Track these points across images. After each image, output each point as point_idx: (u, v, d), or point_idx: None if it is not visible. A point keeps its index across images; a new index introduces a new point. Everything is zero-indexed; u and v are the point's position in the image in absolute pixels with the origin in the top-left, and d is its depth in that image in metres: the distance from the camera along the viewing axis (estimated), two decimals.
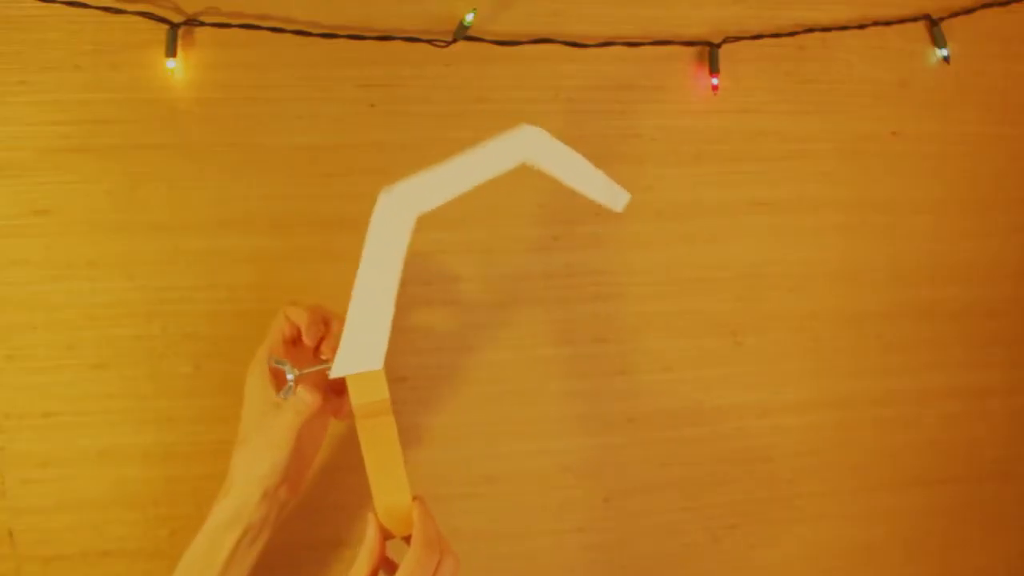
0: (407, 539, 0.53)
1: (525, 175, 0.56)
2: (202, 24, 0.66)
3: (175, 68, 0.65)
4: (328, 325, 0.59)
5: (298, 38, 0.67)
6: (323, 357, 0.58)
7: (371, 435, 0.53)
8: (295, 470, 0.58)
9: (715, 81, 0.72)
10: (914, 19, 0.76)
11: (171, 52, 0.65)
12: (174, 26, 0.65)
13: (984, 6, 0.77)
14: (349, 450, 0.64)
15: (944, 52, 0.76)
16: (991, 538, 0.81)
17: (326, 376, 0.54)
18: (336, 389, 0.58)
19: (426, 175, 0.54)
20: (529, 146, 0.56)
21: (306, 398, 0.55)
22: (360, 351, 0.53)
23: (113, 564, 0.66)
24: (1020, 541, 0.81)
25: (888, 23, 0.76)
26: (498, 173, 0.56)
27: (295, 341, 0.59)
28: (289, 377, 0.55)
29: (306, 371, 0.55)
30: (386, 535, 0.53)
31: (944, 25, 0.76)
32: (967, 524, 0.80)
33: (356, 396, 0.53)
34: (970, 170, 0.78)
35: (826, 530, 0.77)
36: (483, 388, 0.70)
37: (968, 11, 0.77)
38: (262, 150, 0.67)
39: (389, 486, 0.53)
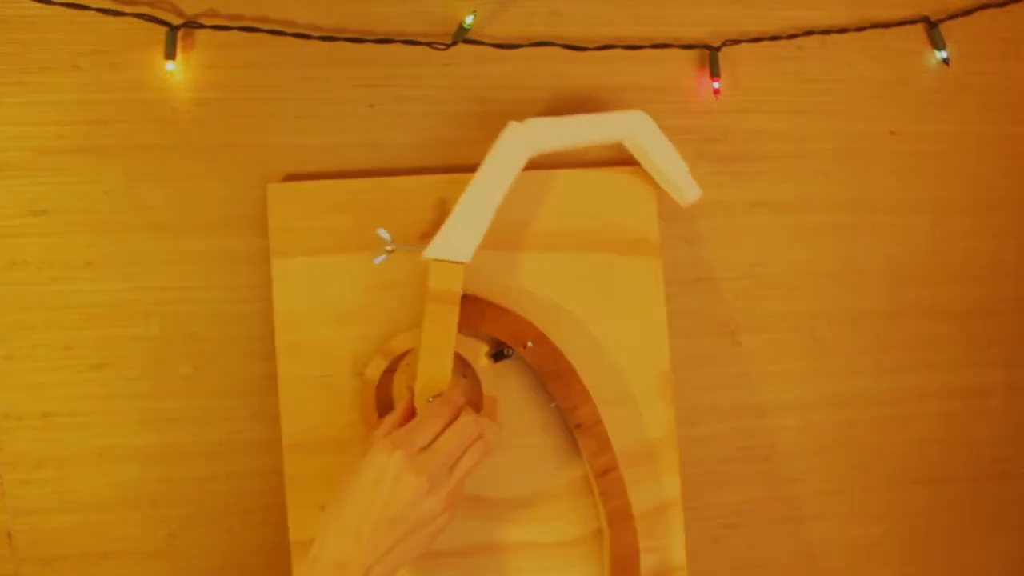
0: None
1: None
2: (201, 27, 0.66)
3: (174, 70, 0.65)
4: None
5: (297, 39, 0.67)
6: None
7: (435, 318, 0.60)
8: None
9: (716, 85, 0.73)
10: (913, 21, 0.77)
11: (170, 55, 0.65)
12: (173, 28, 0.65)
13: (982, 7, 0.77)
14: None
15: (943, 54, 0.76)
16: (991, 538, 0.81)
17: None
18: None
19: (548, 122, 0.64)
20: (635, 127, 0.65)
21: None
22: (454, 243, 0.61)
23: (112, 564, 0.66)
24: (1020, 541, 0.81)
25: (887, 25, 0.76)
26: (602, 142, 0.66)
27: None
28: (388, 248, 0.62)
29: (403, 246, 0.63)
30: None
31: (943, 25, 0.76)
32: (967, 524, 0.80)
33: (435, 280, 0.60)
34: (969, 170, 0.78)
35: (826, 530, 0.77)
36: None
37: (967, 12, 0.77)
38: (261, 150, 0.67)
39: (436, 364, 0.60)
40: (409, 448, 0.54)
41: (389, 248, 0.63)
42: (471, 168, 0.69)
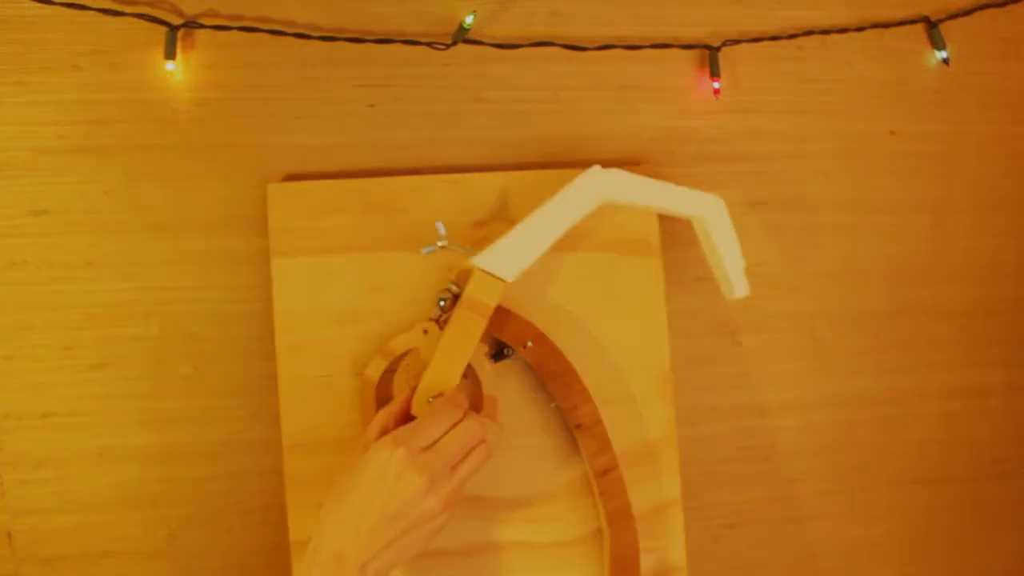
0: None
1: None
2: (201, 27, 0.66)
3: (174, 70, 0.65)
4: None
5: (297, 39, 0.67)
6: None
7: (461, 325, 0.61)
8: None
9: (716, 85, 0.73)
10: (912, 21, 0.77)
11: (170, 55, 0.65)
12: (173, 28, 0.65)
13: (982, 7, 0.77)
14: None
15: (943, 54, 0.76)
16: (991, 538, 0.81)
17: None
18: None
19: (629, 178, 0.64)
20: (710, 210, 0.66)
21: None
22: (503, 259, 0.61)
23: (112, 564, 0.66)
24: (1020, 541, 0.81)
25: (887, 25, 0.76)
26: (672, 212, 0.67)
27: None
28: (440, 243, 0.63)
29: (455, 246, 0.63)
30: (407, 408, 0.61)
31: (943, 25, 0.76)
32: (967, 524, 0.80)
33: (474, 289, 0.61)
34: (969, 170, 0.78)
35: (826, 530, 0.77)
36: None
37: (967, 12, 0.77)
38: (261, 150, 0.67)
39: (447, 369, 0.60)
40: (412, 446, 0.54)
41: (441, 244, 0.63)
42: (471, 168, 0.69)
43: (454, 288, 0.63)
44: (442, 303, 0.63)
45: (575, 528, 0.67)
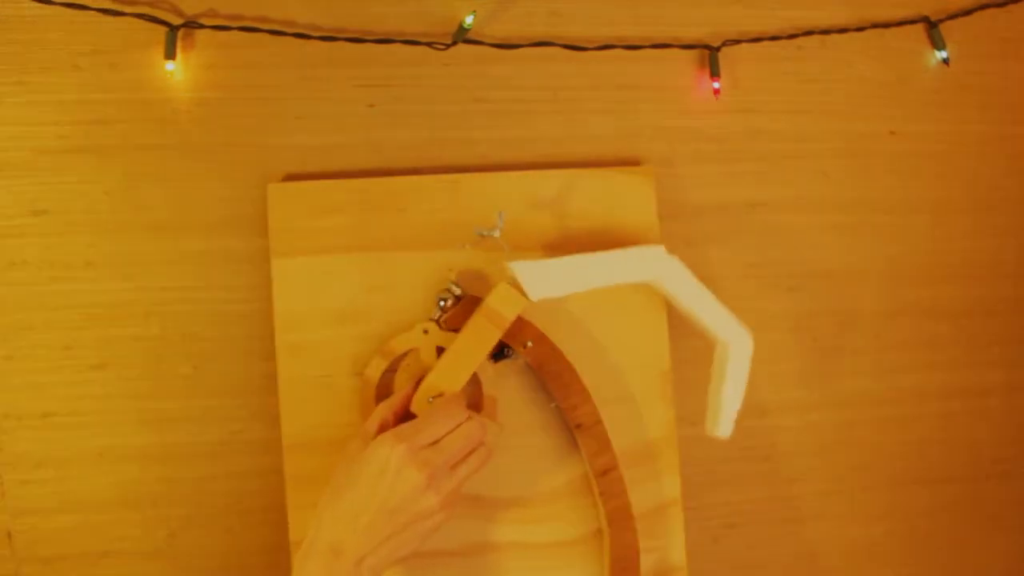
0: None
1: None
2: (201, 27, 0.66)
3: (174, 70, 0.65)
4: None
5: (297, 39, 0.67)
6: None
7: (476, 332, 0.61)
8: None
9: (716, 85, 0.73)
10: (913, 21, 0.77)
11: (170, 55, 0.65)
12: (173, 28, 0.65)
13: (982, 7, 0.77)
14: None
15: (943, 54, 0.76)
16: (991, 538, 0.81)
17: None
18: None
19: (687, 276, 0.65)
20: (736, 339, 0.65)
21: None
22: (537, 279, 0.61)
23: (112, 564, 0.66)
24: (1020, 541, 0.81)
25: (887, 25, 0.76)
26: (701, 326, 0.66)
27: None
28: (495, 231, 0.62)
29: (504, 244, 0.63)
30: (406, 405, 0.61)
31: (943, 25, 0.76)
32: (967, 524, 0.80)
33: (495, 299, 0.61)
34: (969, 170, 0.78)
35: (826, 530, 0.77)
36: None
37: (967, 12, 0.77)
38: (261, 150, 0.67)
39: (454, 372, 0.61)
40: (413, 443, 0.54)
41: (495, 232, 0.62)
42: (471, 168, 0.69)
43: (455, 289, 0.63)
44: (442, 303, 0.63)
45: (575, 528, 0.67)
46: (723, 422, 0.65)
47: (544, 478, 0.67)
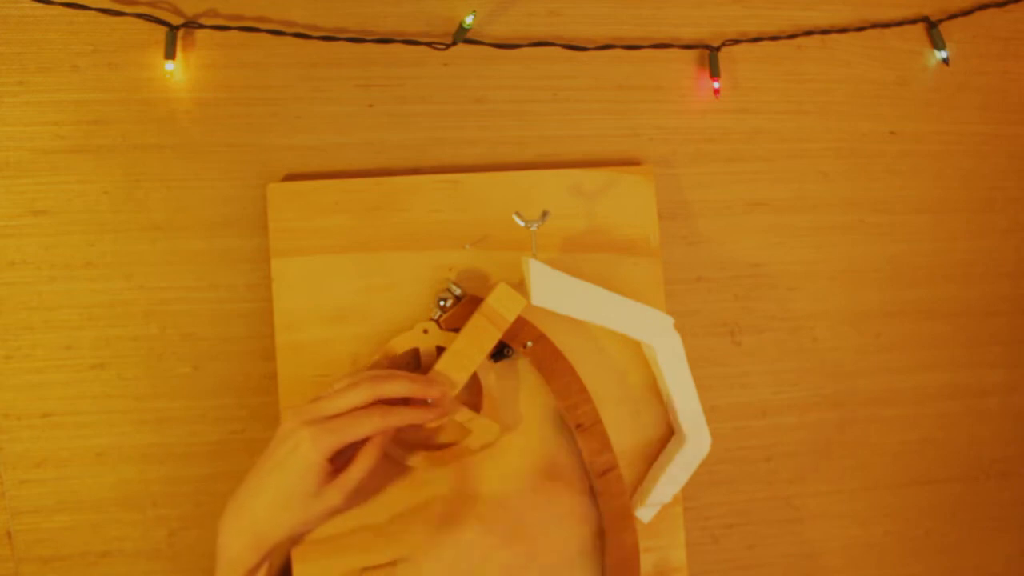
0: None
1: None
2: (201, 27, 0.66)
3: (174, 70, 0.65)
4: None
5: (297, 39, 0.67)
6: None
7: (475, 332, 0.61)
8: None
9: (716, 85, 0.73)
10: (912, 21, 0.77)
11: (170, 55, 0.65)
12: (173, 28, 0.65)
13: (982, 7, 0.78)
14: None
15: (943, 54, 0.76)
16: (991, 538, 0.81)
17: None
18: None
19: (679, 358, 0.65)
20: (693, 437, 0.66)
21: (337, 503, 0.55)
22: (546, 286, 0.62)
23: (112, 565, 0.66)
24: (1020, 541, 0.81)
25: (887, 25, 0.76)
26: (675, 419, 0.67)
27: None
28: (535, 224, 0.62)
29: (534, 242, 0.63)
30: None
31: (943, 25, 0.76)
32: (967, 524, 0.80)
33: (494, 299, 0.61)
34: (969, 170, 0.78)
35: (826, 530, 0.77)
36: None
37: (966, 12, 0.77)
38: (261, 150, 0.67)
39: (452, 372, 0.60)
40: (301, 410, 0.55)
41: (533, 227, 0.62)
42: (471, 168, 0.69)
43: (455, 289, 0.63)
44: (442, 303, 0.63)
45: (575, 528, 0.67)
46: (649, 505, 0.66)
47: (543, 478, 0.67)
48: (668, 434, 0.69)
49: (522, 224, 0.63)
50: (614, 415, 0.67)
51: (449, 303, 0.64)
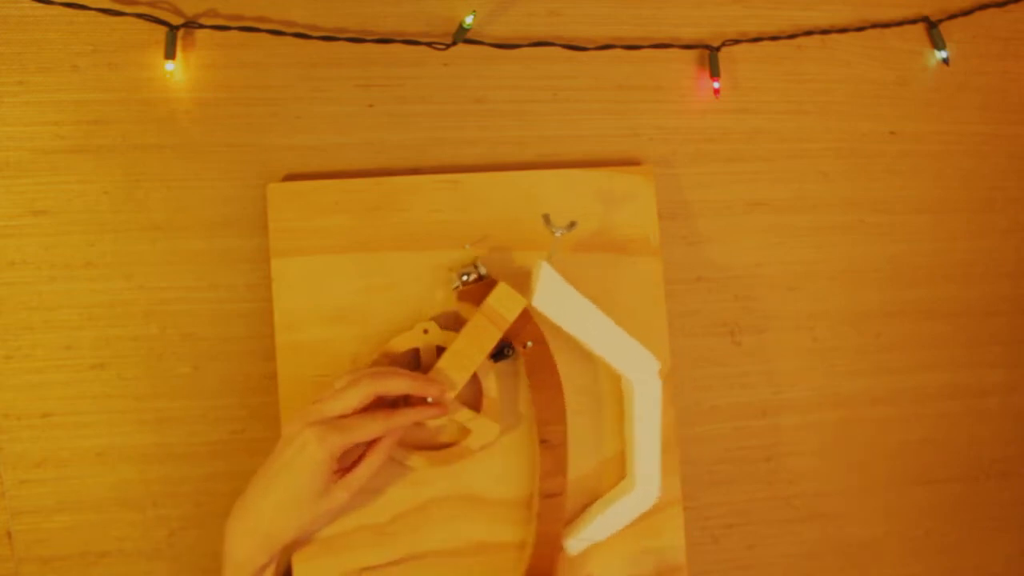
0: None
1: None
2: (201, 27, 0.66)
3: (174, 70, 0.65)
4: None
5: (297, 39, 0.67)
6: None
7: (475, 331, 0.61)
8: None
9: (716, 85, 0.73)
10: (912, 21, 0.77)
11: (170, 55, 0.65)
12: (173, 28, 0.65)
13: (982, 7, 0.78)
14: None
15: (943, 54, 0.76)
16: (991, 538, 0.81)
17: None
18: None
19: (655, 397, 0.64)
20: (643, 489, 0.65)
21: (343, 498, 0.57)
22: (549, 293, 0.62)
23: (112, 564, 0.66)
24: (1020, 541, 0.81)
25: (887, 25, 0.76)
26: (632, 466, 0.66)
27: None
28: (560, 231, 0.62)
29: (555, 243, 0.62)
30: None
31: (943, 25, 0.76)
32: (967, 524, 0.80)
33: (494, 299, 0.61)
34: (969, 170, 0.78)
35: (826, 530, 0.77)
36: None
37: (966, 12, 0.77)
38: (261, 150, 0.67)
39: (453, 371, 0.61)
40: (308, 412, 0.56)
41: (557, 233, 0.62)
42: (471, 168, 0.69)
43: (481, 268, 0.63)
44: (465, 277, 0.63)
45: None
46: (580, 539, 0.65)
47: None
48: (668, 434, 0.69)
49: (550, 228, 0.62)
50: (614, 415, 0.67)
51: (471, 278, 0.63)
